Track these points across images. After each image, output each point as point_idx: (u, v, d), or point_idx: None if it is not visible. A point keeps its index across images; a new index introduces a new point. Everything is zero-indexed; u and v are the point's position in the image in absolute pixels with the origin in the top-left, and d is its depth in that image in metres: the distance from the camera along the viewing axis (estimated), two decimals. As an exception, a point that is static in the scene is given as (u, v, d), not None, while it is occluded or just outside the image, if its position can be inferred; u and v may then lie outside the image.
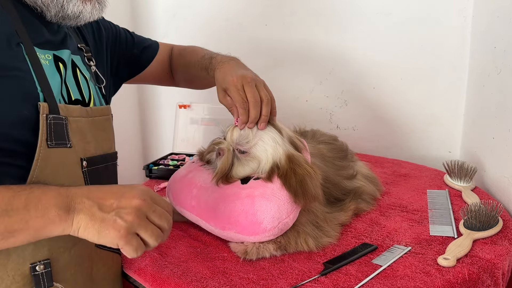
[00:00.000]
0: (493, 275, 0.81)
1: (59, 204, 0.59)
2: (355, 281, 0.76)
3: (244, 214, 0.85)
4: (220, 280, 0.78)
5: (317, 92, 1.62)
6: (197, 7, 1.69)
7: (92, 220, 0.60)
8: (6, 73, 0.65)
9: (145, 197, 0.63)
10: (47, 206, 0.59)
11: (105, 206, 0.61)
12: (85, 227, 0.60)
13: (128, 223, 0.60)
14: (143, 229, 0.61)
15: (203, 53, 1.08)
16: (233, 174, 0.90)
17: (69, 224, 0.60)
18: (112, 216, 0.60)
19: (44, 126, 0.67)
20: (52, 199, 0.59)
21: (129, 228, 0.60)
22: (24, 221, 0.58)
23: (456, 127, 1.50)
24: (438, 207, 1.06)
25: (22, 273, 0.66)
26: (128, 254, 0.61)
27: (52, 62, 0.75)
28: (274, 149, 0.89)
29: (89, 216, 0.60)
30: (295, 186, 0.85)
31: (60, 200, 0.60)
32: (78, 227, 0.60)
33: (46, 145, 0.67)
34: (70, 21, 0.77)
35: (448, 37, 1.44)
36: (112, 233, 0.60)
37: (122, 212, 0.61)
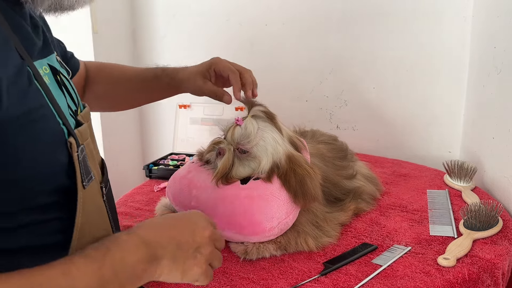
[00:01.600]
0: (493, 275, 0.81)
1: (142, 259, 0.55)
2: (355, 281, 0.76)
3: (244, 214, 0.85)
4: (221, 280, 0.78)
5: (317, 92, 1.62)
6: (197, 7, 1.69)
7: (175, 263, 0.58)
8: (34, 116, 0.54)
9: (210, 226, 0.63)
10: (132, 265, 0.54)
11: (183, 244, 0.59)
12: (169, 271, 0.58)
13: (207, 257, 0.61)
14: (216, 258, 0.63)
15: (139, 68, 1.03)
16: (233, 174, 0.90)
17: (152, 273, 0.56)
18: (193, 253, 0.59)
19: (78, 166, 0.58)
20: (135, 257, 0.54)
21: (207, 261, 0.61)
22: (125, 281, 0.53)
23: (456, 127, 1.50)
24: (438, 207, 1.06)
25: None
26: (204, 283, 0.61)
27: (52, 76, 0.64)
28: (275, 148, 0.89)
29: (171, 260, 0.57)
30: (295, 186, 0.85)
31: (142, 254, 0.55)
32: (161, 273, 0.57)
33: (82, 188, 0.59)
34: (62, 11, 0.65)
35: (448, 37, 1.45)
36: (196, 270, 0.60)
37: (200, 247, 0.60)
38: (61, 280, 0.47)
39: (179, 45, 1.76)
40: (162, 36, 1.77)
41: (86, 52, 1.55)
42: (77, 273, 0.48)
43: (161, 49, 1.79)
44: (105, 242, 0.54)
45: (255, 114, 0.91)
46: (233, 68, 0.90)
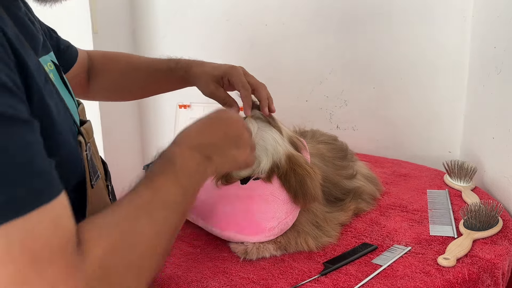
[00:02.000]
0: (493, 275, 0.81)
1: (199, 161, 0.60)
2: (355, 281, 0.76)
3: (244, 214, 0.85)
4: (221, 280, 0.78)
5: (317, 92, 1.62)
6: (197, 7, 1.69)
7: (224, 156, 0.65)
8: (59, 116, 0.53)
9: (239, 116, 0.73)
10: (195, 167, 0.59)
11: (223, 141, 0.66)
12: (222, 164, 0.65)
13: (249, 139, 0.71)
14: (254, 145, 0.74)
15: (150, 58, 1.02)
16: (233, 174, 0.90)
17: (211, 170, 0.63)
18: (236, 143, 0.67)
19: (87, 165, 0.59)
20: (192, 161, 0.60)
21: (249, 145, 0.71)
22: (195, 188, 0.59)
23: (456, 127, 1.50)
24: (438, 207, 1.06)
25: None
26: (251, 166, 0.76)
27: (56, 73, 0.64)
28: (275, 148, 0.89)
29: (220, 155, 0.64)
30: (295, 186, 0.85)
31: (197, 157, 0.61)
32: (216, 168, 0.64)
33: (91, 187, 0.60)
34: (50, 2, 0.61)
35: (448, 37, 1.44)
36: (243, 154, 0.69)
37: (238, 138, 0.68)
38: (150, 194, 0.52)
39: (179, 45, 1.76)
40: (162, 36, 1.77)
41: (86, 52, 1.55)
42: (161, 186, 0.54)
43: (161, 49, 1.78)
44: (163, 160, 0.58)
45: (254, 114, 0.91)
46: (246, 84, 0.88)
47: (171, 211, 0.53)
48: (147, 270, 0.49)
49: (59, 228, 0.41)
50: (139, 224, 0.49)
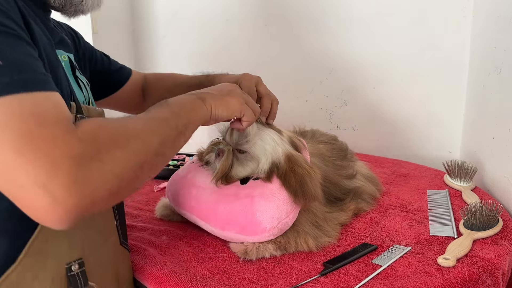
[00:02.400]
0: (493, 275, 0.81)
1: (194, 98, 0.73)
2: (355, 281, 0.76)
3: (244, 214, 0.85)
4: (220, 280, 0.78)
5: (317, 92, 1.62)
6: (197, 7, 1.69)
7: (217, 99, 0.76)
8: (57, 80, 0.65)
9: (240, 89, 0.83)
10: (190, 102, 0.72)
11: (217, 91, 0.78)
12: (215, 106, 0.75)
13: (240, 93, 0.80)
14: (249, 99, 0.81)
15: (190, 75, 1.11)
16: (233, 175, 0.90)
17: (206, 108, 0.74)
18: (228, 93, 0.78)
19: None
20: (189, 98, 0.73)
21: (242, 96, 0.80)
22: (187, 116, 0.69)
23: (456, 127, 1.50)
24: (438, 207, 1.06)
25: (60, 275, 0.65)
26: (249, 118, 0.80)
27: (68, 65, 0.76)
28: (273, 148, 0.89)
29: (213, 99, 0.75)
30: (295, 186, 0.85)
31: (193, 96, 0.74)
32: (211, 108, 0.74)
33: None
34: (71, 7, 0.77)
35: (448, 37, 1.45)
36: (235, 101, 0.78)
37: (232, 91, 0.79)
38: (142, 114, 0.65)
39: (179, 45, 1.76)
40: (162, 36, 1.77)
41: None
42: (156, 108, 0.68)
43: (161, 49, 1.79)
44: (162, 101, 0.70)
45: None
46: (252, 91, 0.92)
47: (161, 122, 0.64)
48: (132, 154, 0.56)
49: (60, 108, 0.54)
50: (131, 122, 0.61)
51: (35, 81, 0.53)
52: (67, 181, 0.48)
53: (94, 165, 0.51)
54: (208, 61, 1.71)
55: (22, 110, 0.49)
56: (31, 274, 0.62)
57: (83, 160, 0.50)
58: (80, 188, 0.49)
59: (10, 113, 0.49)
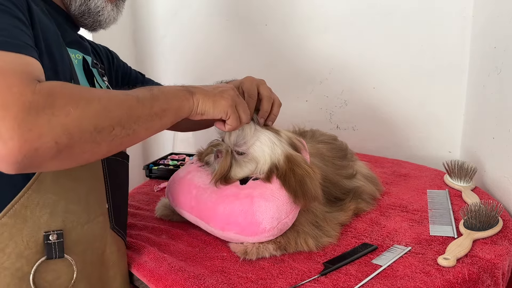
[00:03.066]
0: (493, 275, 0.81)
1: (181, 89, 0.75)
2: (355, 281, 0.76)
3: (244, 214, 0.85)
4: (218, 278, 0.78)
5: (317, 92, 1.62)
6: (197, 7, 1.69)
7: (207, 96, 0.76)
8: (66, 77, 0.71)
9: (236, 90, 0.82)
10: (175, 90, 0.74)
11: (211, 89, 0.79)
12: (202, 102, 0.76)
13: (232, 96, 0.79)
14: (240, 103, 0.80)
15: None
16: (232, 175, 0.90)
17: (191, 101, 0.75)
18: (219, 92, 0.78)
19: None
20: (175, 87, 0.75)
21: (233, 99, 0.79)
22: (167, 102, 0.71)
23: (456, 127, 1.50)
24: (438, 207, 1.06)
25: (36, 240, 0.68)
26: (232, 123, 0.80)
27: (81, 63, 0.80)
28: (272, 149, 0.89)
29: (203, 95, 0.76)
30: (295, 186, 0.85)
31: (180, 87, 0.75)
32: (197, 102, 0.75)
33: None
34: (90, 17, 0.84)
35: (448, 37, 1.44)
36: (223, 102, 0.77)
37: (224, 92, 0.79)
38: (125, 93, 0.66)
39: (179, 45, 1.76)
40: (162, 36, 1.77)
41: (86, 52, 1.55)
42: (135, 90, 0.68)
43: (161, 49, 1.79)
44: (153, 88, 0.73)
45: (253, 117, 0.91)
46: (252, 93, 0.91)
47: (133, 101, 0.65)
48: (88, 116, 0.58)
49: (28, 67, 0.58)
50: (101, 91, 0.65)
51: (12, 44, 0.59)
52: (12, 124, 0.52)
53: (44, 115, 0.54)
54: (208, 61, 1.71)
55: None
56: (7, 233, 0.66)
57: (32, 109, 0.54)
58: (23, 132, 0.52)
59: None
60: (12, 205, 0.66)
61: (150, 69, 1.82)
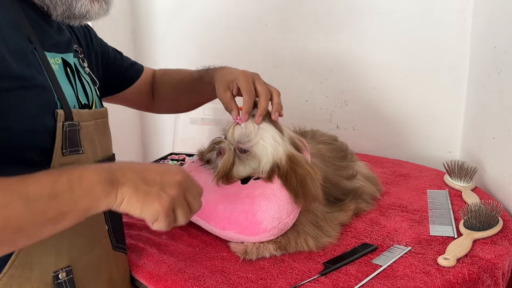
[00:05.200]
0: (493, 275, 0.81)
1: (102, 179, 0.57)
2: (355, 281, 0.76)
3: (244, 214, 0.85)
4: (218, 279, 0.78)
5: (317, 92, 1.62)
6: (197, 7, 1.69)
7: (137, 193, 0.59)
8: (27, 84, 0.64)
9: (184, 175, 0.64)
10: (91, 183, 0.57)
11: (149, 180, 0.60)
12: (128, 200, 0.59)
13: (171, 197, 0.60)
14: (180, 206, 0.62)
15: (193, 70, 1.09)
16: (234, 174, 0.90)
17: (113, 198, 0.58)
18: (157, 190, 0.60)
19: (60, 134, 0.67)
20: (94, 176, 0.57)
21: (171, 202, 0.60)
22: (72, 202, 0.56)
23: (456, 127, 1.50)
24: (438, 207, 1.06)
25: (46, 283, 0.66)
26: (161, 227, 0.61)
27: (62, 66, 0.75)
28: (275, 148, 0.89)
29: (133, 189, 0.59)
30: (296, 187, 0.85)
31: (103, 175, 0.58)
32: (122, 200, 0.58)
33: (61, 154, 0.67)
34: (75, 20, 0.76)
35: (448, 37, 1.44)
36: (156, 206, 0.59)
37: (166, 186, 0.61)
38: (15, 185, 0.53)
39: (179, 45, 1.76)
40: (162, 36, 1.77)
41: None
42: (31, 180, 0.54)
43: (161, 49, 1.79)
44: (72, 167, 0.60)
45: (255, 114, 0.91)
46: (250, 91, 0.89)
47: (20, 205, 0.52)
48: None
49: None
50: None
51: None
52: None
53: None
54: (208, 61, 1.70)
55: None
56: (16, 285, 0.63)
57: None
58: None
59: None
60: (16, 256, 0.63)
61: (150, 69, 1.82)
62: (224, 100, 0.93)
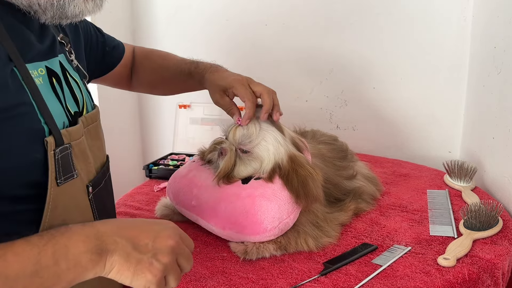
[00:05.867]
0: (493, 275, 0.81)
1: (90, 249, 0.54)
2: (355, 281, 0.76)
3: (245, 214, 0.85)
4: (219, 280, 0.78)
5: (317, 92, 1.62)
6: (197, 7, 1.69)
7: (128, 261, 0.56)
8: (12, 113, 0.57)
9: (177, 238, 0.61)
10: (77, 254, 0.53)
11: (141, 246, 0.57)
12: (119, 269, 0.56)
13: (164, 266, 0.58)
14: (172, 273, 0.59)
15: (179, 58, 1.08)
16: (235, 174, 0.90)
17: (101, 267, 0.55)
18: (149, 258, 0.57)
19: (52, 164, 0.61)
20: (80, 245, 0.54)
21: (164, 271, 0.58)
22: (56, 276, 0.52)
23: (456, 127, 1.50)
24: (438, 207, 1.06)
25: None
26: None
27: (46, 78, 0.67)
28: (277, 149, 0.89)
29: (123, 258, 0.55)
30: (297, 187, 0.85)
31: (90, 244, 0.54)
32: (111, 269, 0.55)
33: (56, 184, 0.61)
34: (66, 20, 0.68)
35: (448, 37, 1.44)
36: (148, 276, 0.56)
37: (158, 254, 0.58)
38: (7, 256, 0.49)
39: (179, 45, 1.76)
40: (162, 36, 1.77)
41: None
42: (12, 257, 0.49)
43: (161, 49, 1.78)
44: (52, 231, 0.54)
45: (258, 115, 0.91)
46: (250, 96, 0.89)
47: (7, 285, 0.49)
48: None
49: None
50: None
51: None
52: None
53: None
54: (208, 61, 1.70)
55: None
56: None
57: None
58: None
59: None
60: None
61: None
62: (225, 105, 0.94)
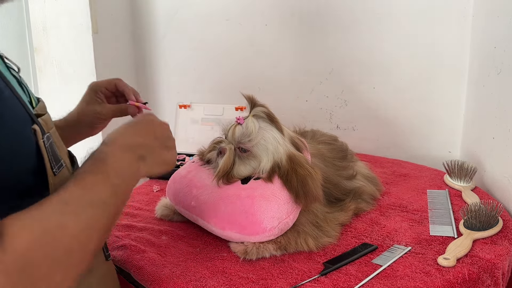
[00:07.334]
0: (493, 275, 0.81)
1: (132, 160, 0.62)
2: (355, 281, 0.76)
3: (244, 214, 0.85)
4: (219, 280, 0.78)
5: (317, 92, 1.62)
6: (197, 7, 1.69)
7: (156, 158, 0.66)
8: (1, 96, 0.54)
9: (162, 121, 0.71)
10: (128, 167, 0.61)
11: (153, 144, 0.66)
12: (152, 166, 0.65)
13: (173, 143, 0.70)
14: None
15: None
16: (234, 173, 0.90)
17: (141, 170, 0.63)
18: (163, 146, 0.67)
19: (45, 153, 0.58)
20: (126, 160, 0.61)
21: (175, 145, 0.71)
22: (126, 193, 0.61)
23: (456, 127, 1.50)
24: (438, 207, 1.06)
25: None
26: None
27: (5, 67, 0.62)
28: (276, 148, 0.89)
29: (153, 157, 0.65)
30: (296, 187, 0.85)
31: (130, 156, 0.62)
32: (147, 170, 0.64)
33: (53, 175, 0.60)
34: None
35: (448, 37, 1.44)
36: (170, 156, 0.68)
37: (166, 140, 0.69)
38: (79, 192, 0.53)
39: (179, 45, 1.76)
40: (162, 36, 1.77)
41: (86, 52, 1.55)
42: (91, 184, 0.54)
43: (161, 49, 1.79)
44: (94, 160, 0.58)
45: (256, 114, 0.91)
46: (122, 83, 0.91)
47: (100, 210, 0.54)
48: (73, 266, 0.50)
49: None
50: (65, 220, 0.50)
51: None
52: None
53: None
54: (208, 61, 1.71)
55: None
56: None
57: None
58: None
59: None
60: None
61: (150, 69, 1.82)
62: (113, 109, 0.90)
